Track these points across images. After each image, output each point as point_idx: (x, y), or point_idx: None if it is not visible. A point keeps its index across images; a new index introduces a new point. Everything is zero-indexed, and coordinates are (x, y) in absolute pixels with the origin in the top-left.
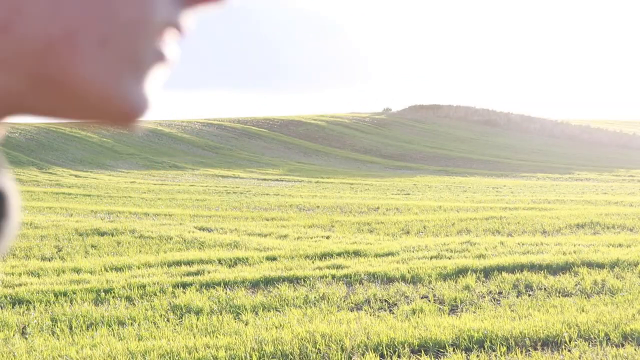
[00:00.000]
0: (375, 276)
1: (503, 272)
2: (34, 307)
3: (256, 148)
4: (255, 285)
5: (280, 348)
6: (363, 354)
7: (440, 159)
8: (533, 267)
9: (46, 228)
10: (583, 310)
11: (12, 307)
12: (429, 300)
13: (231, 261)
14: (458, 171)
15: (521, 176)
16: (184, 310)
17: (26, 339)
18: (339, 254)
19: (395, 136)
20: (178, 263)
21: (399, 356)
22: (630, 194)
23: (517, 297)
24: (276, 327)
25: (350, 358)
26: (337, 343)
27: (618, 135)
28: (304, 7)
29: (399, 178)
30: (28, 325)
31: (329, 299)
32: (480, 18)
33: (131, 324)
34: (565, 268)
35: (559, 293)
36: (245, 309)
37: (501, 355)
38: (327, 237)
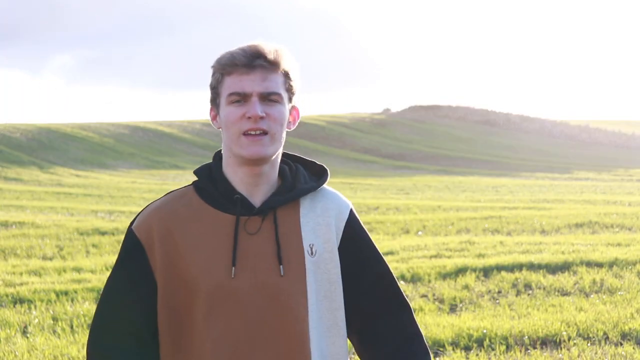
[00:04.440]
0: None
1: (502, 272)
2: (35, 306)
3: None
4: None
5: None
6: None
7: (440, 159)
8: (532, 267)
9: (47, 227)
10: (582, 309)
11: (14, 306)
12: (429, 300)
13: None
14: (457, 171)
15: (520, 176)
16: None
17: (27, 337)
18: None
19: (394, 136)
20: None
21: None
22: (629, 193)
23: (516, 296)
24: None
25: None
26: None
27: (617, 135)
28: (307, 6)
29: (399, 178)
30: (29, 324)
31: None
32: (479, 18)
33: None
34: (564, 267)
35: (557, 292)
36: None
37: (500, 354)
38: None
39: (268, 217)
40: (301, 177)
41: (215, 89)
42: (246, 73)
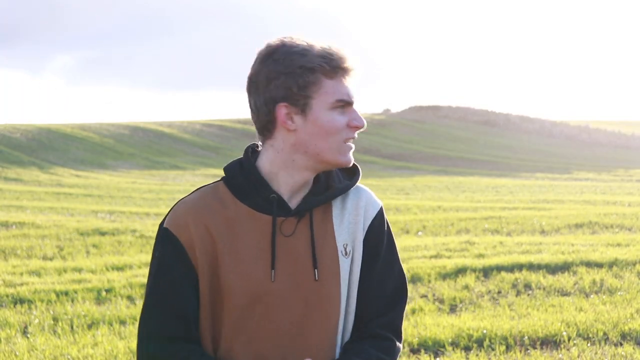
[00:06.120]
0: None
1: (502, 272)
2: (36, 306)
3: None
4: None
5: None
6: None
7: (440, 159)
8: (532, 267)
9: (48, 228)
10: (582, 310)
11: (14, 307)
12: (429, 300)
13: None
14: (457, 171)
15: (520, 176)
16: None
17: (27, 338)
18: None
19: (394, 136)
20: None
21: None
22: (629, 194)
23: (516, 296)
24: None
25: None
26: None
27: (617, 135)
28: (307, 6)
29: (399, 178)
30: (29, 324)
31: None
32: (479, 19)
33: (132, 323)
34: (564, 267)
35: (557, 292)
36: None
37: (500, 354)
38: None
39: (304, 219)
40: (334, 176)
41: (305, 88)
42: (344, 78)
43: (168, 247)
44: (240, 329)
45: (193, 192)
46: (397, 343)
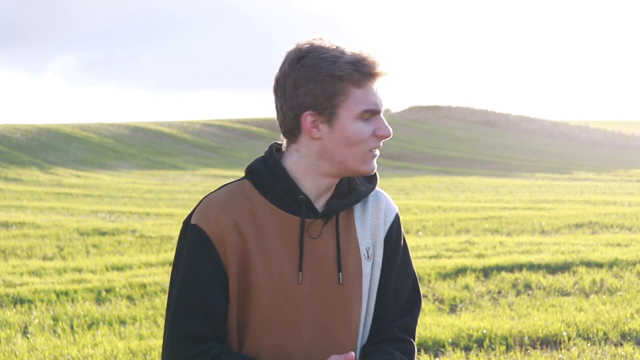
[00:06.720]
0: None
1: (502, 272)
2: (36, 306)
3: (257, 148)
4: None
5: None
6: None
7: (440, 159)
8: (532, 267)
9: (48, 228)
10: (582, 310)
11: (14, 307)
12: (429, 300)
13: None
14: (457, 171)
15: (520, 176)
16: None
17: (27, 338)
18: None
19: (394, 136)
20: None
21: None
22: (629, 194)
23: (516, 296)
24: None
25: None
26: None
27: (616, 135)
28: (307, 7)
29: (399, 178)
30: (29, 324)
31: None
32: (479, 19)
33: (132, 323)
34: (564, 267)
35: (557, 292)
36: None
37: (500, 354)
38: None
39: (330, 221)
40: (355, 178)
41: (332, 97)
42: (371, 86)
43: (197, 244)
44: (266, 329)
45: (218, 189)
46: (415, 346)
